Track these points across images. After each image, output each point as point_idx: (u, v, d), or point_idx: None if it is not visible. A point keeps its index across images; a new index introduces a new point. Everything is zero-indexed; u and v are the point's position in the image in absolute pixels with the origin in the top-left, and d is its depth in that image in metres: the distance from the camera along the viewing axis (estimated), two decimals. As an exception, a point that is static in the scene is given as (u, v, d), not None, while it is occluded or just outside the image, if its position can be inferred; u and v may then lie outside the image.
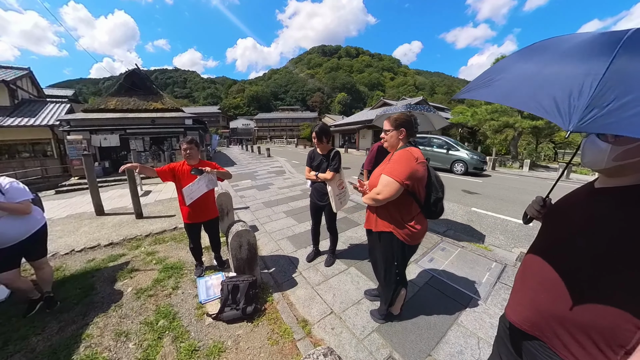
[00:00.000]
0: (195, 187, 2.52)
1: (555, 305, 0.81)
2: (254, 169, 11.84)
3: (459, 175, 10.26)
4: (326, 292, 2.49)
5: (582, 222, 0.83)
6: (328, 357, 0.92)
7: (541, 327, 0.85)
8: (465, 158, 10.48)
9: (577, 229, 0.83)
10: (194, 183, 2.51)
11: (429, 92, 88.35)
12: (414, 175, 1.56)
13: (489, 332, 2.00)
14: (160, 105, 13.22)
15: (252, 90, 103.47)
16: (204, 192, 2.59)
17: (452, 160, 10.79)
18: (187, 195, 2.50)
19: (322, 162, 2.63)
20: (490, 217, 5.03)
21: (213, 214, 2.82)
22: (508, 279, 2.74)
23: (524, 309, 0.91)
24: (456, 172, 10.67)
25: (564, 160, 19.77)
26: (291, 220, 4.59)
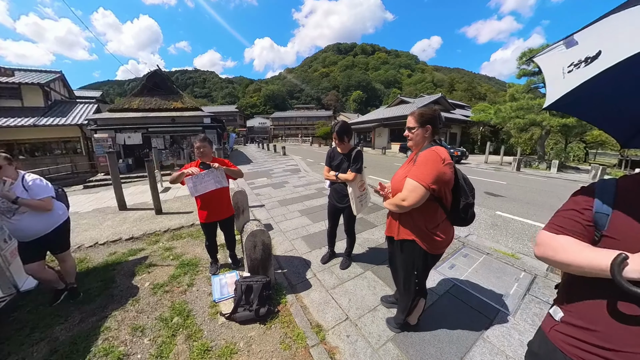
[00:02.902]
0: (199, 180, 2.45)
1: None
2: (270, 167, 11.94)
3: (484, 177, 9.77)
4: (341, 297, 2.40)
5: None
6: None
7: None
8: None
9: None
10: (198, 176, 2.44)
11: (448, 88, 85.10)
12: (441, 179, 1.40)
13: (518, 350, 1.82)
14: (180, 105, 13.68)
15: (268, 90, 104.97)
16: (211, 189, 2.51)
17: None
18: (191, 187, 2.43)
19: (342, 161, 2.52)
20: (517, 221, 4.71)
21: (228, 212, 2.82)
22: (539, 290, 2.51)
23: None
24: None
25: (597, 161, 18.33)
26: (306, 219, 4.53)
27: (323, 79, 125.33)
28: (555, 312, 0.88)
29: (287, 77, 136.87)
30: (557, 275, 2.77)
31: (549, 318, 0.91)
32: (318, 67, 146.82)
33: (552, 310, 0.90)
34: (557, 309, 0.88)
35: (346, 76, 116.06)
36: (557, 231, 0.81)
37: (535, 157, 15.43)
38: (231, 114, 58.83)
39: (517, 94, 14.87)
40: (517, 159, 12.37)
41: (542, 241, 0.83)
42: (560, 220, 0.82)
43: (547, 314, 0.93)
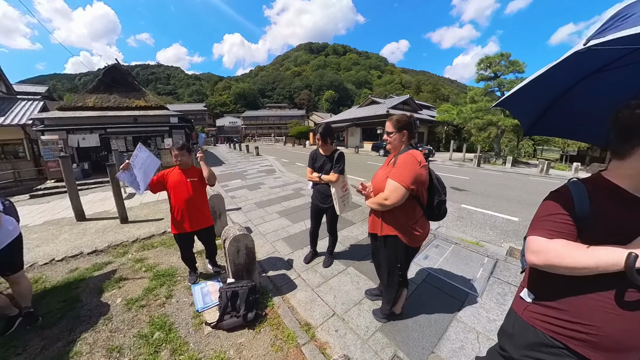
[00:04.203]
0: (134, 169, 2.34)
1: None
2: (244, 168, 11.63)
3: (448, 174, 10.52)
4: (327, 294, 2.47)
5: None
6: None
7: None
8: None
9: None
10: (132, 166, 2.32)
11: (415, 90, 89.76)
12: (419, 179, 1.55)
13: (487, 326, 2.06)
14: (143, 103, 12.66)
15: (238, 88, 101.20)
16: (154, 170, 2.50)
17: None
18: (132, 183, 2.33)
19: (325, 163, 2.58)
20: (479, 213, 5.19)
21: (207, 222, 2.68)
22: (500, 273, 2.84)
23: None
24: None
25: (543, 157, 20.76)
26: (285, 220, 4.53)
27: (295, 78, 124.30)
28: (526, 295, 1.00)
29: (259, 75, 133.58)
30: (515, 259, 3.13)
31: (520, 301, 1.03)
32: (290, 66, 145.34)
33: (522, 294, 1.02)
34: (528, 293, 0.99)
35: (318, 76, 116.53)
36: (552, 236, 0.85)
37: (492, 153, 17.03)
38: (199, 113, 55.99)
39: (476, 97, 16.29)
40: (477, 155, 13.54)
41: (539, 248, 0.85)
42: (551, 225, 0.87)
43: (517, 297, 1.05)
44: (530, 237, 0.89)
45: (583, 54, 0.77)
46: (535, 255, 0.85)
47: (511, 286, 2.60)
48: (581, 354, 0.86)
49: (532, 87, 0.99)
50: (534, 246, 0.86)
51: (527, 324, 0.98)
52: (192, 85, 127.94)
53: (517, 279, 2.73)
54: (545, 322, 0.93)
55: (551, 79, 1.00)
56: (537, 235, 0.87)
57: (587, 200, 0.84)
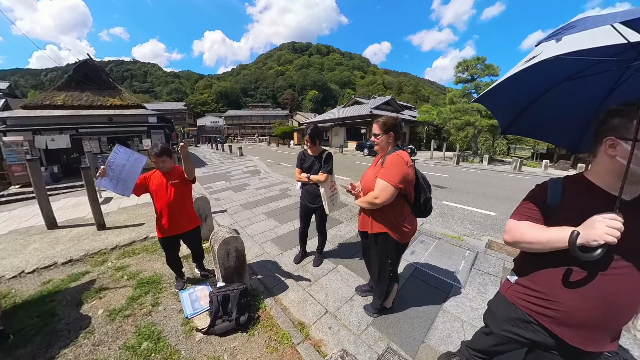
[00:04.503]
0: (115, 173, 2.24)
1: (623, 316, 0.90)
2: (227, 169, 11.37)
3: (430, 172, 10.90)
4: (318, 293, 2.50)
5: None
6: (346, 358, 0.93)
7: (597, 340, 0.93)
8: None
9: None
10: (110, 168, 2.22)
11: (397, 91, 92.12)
12: (406, 179, 1.63)
13: (470, 315, 2.21)
14: (118, 102, 11.97)
15: (220, 86, 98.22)
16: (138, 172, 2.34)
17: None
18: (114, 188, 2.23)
19: (313, 163, 2.62)
20: (459, 209, 5.45)
21: (193, 223, 2.60)
22: (480, 264, 3.01)
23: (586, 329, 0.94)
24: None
25: (516, 155, 22.06)
26: (273, 221, 4.50)
27: (278, 77, 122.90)
28: (511, 278, 1.15)
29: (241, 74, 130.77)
30: (493, 251, 3.33)
31: (506, 282, 1.17)
32: (273, 65, 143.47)
33: (509, 277, 1.17)
34: (514, 276, 1.14)
35: (302, 75, 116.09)
36: (521, 218, 1.03)
37: (470, 152, 17.85)
38: (179, 112, 53.94)
39: (455, 98, 17.03)
40: (457, 154, 14.16)
41: (510, 228, 1.03)
42: (523, 210, 1.05)
43: (505, 280, 1.19)
44: (508, 220, 1.08)
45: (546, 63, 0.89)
46: (507, 233, 1.04)
47: (491, 276, 2.77)
48: (548, 329, 1.00)
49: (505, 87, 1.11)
50: (507, 227, 1.05)
51: (508, 301, 1.13)
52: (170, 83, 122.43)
53: (496, 269, 2.91)
54: (522, 300, 1.07)
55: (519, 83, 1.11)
56: (511, 218, 1.06)
57: (559, 192, 1.00)
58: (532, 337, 1.06)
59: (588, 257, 0.80)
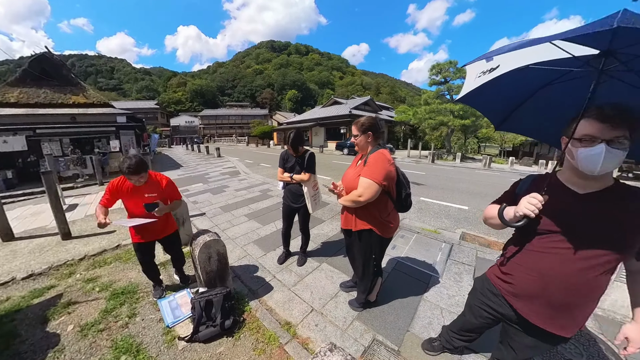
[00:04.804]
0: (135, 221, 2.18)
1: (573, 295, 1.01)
2: (205, 171, 10.98)
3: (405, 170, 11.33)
4: (304, 291, 2.52)
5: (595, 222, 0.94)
6: (334, 351, 0.96)
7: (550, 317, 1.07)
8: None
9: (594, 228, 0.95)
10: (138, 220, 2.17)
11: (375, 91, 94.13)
12: (389, 176, 1.69)
13: (448, 302, 2.37)
14: (82, 100, 11.02)
15: (195, 84, 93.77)
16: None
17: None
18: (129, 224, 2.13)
19: (296, 163, 2.63)
20: (435, 204, 5.74)
21: (170, 228, 2.49)
22: (455, 254, 3.22)
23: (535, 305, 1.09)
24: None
25: (486, 152, 23.58)
26: (255, 223, 4.44)
27: (257, 76, 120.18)
28: (495, 258, 1.32)
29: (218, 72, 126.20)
30: (467, 242, 3.57)
31: (493, 265, 1.36)
32: (251, 64, 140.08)
33: (497, 257, 1.35)
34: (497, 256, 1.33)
35: (281, 74, 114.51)
36: (493, 203, 1.28)
37: (444, 150, 18.79)
38: (151, 111, 51.15)
39: (429, 99, 17.84)
40: (432, 152, 14.86)
41: (485, 209, 1.28)
42: (499, 198, 1.29)
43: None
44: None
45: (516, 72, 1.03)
46: (483, 213, 1.30)
47: (465, 265, 2.97)
48: (508, 300, 1.20)
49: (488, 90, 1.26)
50: (484, 209, 1.29)
51: (487, 277, 1.33)
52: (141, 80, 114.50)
53: (469, 259, 3.12)
54: (495, 276, 1.28)
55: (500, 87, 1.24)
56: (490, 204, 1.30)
57: (527, 185, 1.18)
58: (499, 309, 1.25)
59: (513, 224, 1.05)
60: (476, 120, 16.93)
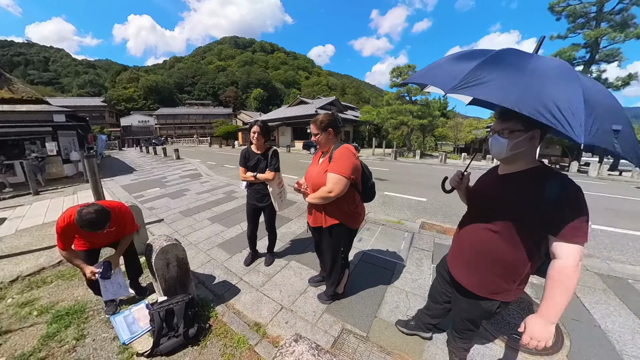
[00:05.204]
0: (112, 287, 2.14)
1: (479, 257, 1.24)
2: (162, 174, 10.17)
3: (372, 166, 11.83)
4: (272, 290, 2.50)
5: (496, 197, 1.17)
6: (299, 341, 0.99)
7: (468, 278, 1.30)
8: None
9: (495, 202, 1.17)
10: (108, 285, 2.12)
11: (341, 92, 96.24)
12: (356, 169, 1.76)
13: (412, 285, 2.57)
14: (7, 95, 9.32)
15: (150, 80, 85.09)
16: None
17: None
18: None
19: (259, 161, 2.54)
20: (398, 197, 6.11)
21: (128, 229, 2.23)
22: (416, 242, 3.50)
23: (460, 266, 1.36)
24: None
25: (442, 150, 25.67)
26: (219, 226, 4.26)
27: (219, 73, 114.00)
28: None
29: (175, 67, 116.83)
30: (426, 231, 3.88)
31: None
32: (213, 60, 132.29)
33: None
34: None
35: (245, 72, 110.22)
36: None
37: (405, 148, 20.02)
38: (97, 109, 45.82)
39: (390, 100, 18.89)
40: (394, 150, 15.74)
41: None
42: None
43: None
44: None
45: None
46: None
47: (425, 251, 3.24)
48: (449, 268, 1.44)
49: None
50: None
51: (443, 258, 1.61)
52: (83, 73, 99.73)
53: (428, 245, 3.42)
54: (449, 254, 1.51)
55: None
56: None
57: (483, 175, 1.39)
58: (447, 277, 1.51)
59: (446, 191, 1.56)
60: (432, 120, 18.36)
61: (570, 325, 2.11)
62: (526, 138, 1.04)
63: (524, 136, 1.03)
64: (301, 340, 1.01)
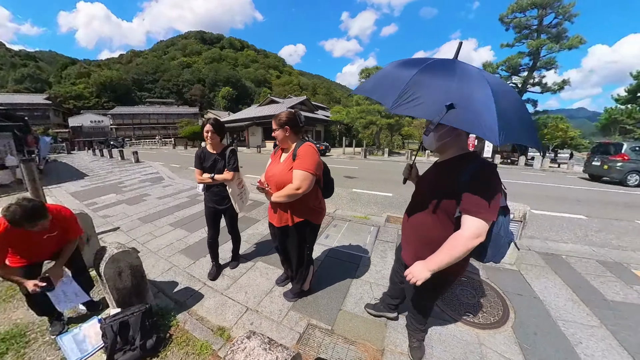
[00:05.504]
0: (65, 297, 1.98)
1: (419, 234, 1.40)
2: (119, 179, 9.35)
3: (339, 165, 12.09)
4: (237, 293, 2.46)
5: (428, 181, 1.40)
6: (252, 338, 1.00)
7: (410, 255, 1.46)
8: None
9: (430, 186, 1.38)
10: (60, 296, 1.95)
11: (312, 92, 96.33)
12: (320, 165, 1.84)
13: (375, 276, 2.69)
14: None
15: (104, 76, 76.37)
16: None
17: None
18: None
19: (216, 161, 2.41)
20: (366, 194, 6.36)
21: (72, 234, 2.02)
22: (381, 235, 3.68)
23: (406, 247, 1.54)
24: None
25: (409, 148, 27.08)
26: (182, 231, 4.05)
27: (184, 69, 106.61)
28: None
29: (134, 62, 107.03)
30: (391, 224, 4.10)
31: None
32: (177, 55, 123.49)
33: None
34: None
35: (213, 69, 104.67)
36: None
37: (375, 147, 20.76)
38: (39, 108, 40.70)
39: (360, 101, 19.40)
40: (364, 149, 16.27)
41: None
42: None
43: None
44: None
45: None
46: None
47: (389, 243, 3.43)
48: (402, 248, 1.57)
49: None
50: None
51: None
52: (21, 66, 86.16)
53: (392, 237, 3.62)
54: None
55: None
56: None
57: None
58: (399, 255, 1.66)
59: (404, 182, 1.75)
60: (399, 119, 19.27)
61: (515, 299, 2.38)
62: (448, 130, 1.22)
63: (446, 129, 1.21)
64: (254, 337, 1.02)
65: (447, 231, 1.21)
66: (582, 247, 3.54)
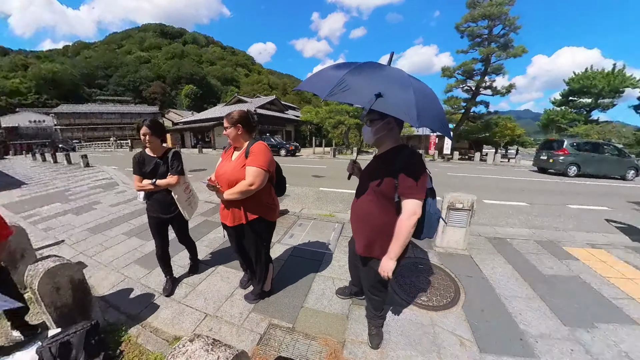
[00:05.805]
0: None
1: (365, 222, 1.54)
2: (65, 186, 8.38)
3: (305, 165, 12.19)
4: (196, 300, 2.38)
5: (369, 173, 1.53)
6: (195, 340, 1.01)
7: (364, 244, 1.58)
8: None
9: (370, 177, 1.51)
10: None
11: (282, 92, 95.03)
12: (272, 162, 1.88)
13: (338, 272, 2.78)
14: None
15: (46, 69, 66.63)
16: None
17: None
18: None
19: (158, 166, 2.21)
20: (333, 192, 6.55)
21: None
22: (345, 232, 3.81)
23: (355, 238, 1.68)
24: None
25: (376, 146, 28.26)
26: (136, 240, 3.78)
27: (142, 65, 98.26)
28: None
29: (82, 55, 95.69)
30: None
31: None
32: (133, 49, 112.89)
33: None
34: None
35: (175, 65, 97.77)
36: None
37: (344, 146, 21.25)
38: (-47, 108, 34.47)
39: (328, 101, 19.73)
40: (333, 149, 16.61)
41: None
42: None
43: None
44: None
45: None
46: None
47: (352, 240, 3.57)
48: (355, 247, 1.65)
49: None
50: None
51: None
52: None
53: (355, 234, 3.77)
54: None
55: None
56: None
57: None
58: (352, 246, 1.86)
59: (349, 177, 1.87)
60: (367, 119, 19.91)
61: (465, 281, 2.64)
62: (383, 125, 1.39)
63: (381, 123, 1.39)
64: (197, 339, 1.03)
65: (392, 216, 1.39)
66: (523, 230, 4.07)
